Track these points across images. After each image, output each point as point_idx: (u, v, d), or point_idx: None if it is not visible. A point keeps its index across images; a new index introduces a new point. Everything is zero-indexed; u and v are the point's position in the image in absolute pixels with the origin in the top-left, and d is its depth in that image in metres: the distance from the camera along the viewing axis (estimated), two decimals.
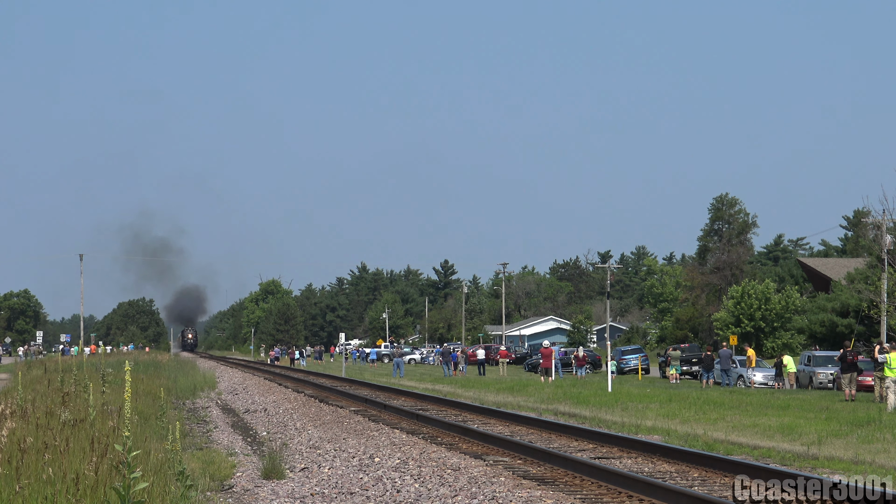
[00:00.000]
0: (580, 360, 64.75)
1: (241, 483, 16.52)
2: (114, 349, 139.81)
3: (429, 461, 18.79)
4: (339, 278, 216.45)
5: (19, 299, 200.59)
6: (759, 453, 20.35)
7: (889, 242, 53.09)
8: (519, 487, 15.71)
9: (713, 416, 28.45)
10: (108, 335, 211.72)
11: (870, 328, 61.24)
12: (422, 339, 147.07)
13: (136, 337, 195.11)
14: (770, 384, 49.56)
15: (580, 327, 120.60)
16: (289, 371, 71.50)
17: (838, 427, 25.16)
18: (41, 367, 43.24)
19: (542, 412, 31.31)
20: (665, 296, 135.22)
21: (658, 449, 19.57)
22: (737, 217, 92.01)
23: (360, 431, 24.82)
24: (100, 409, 18.24)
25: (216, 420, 29.31)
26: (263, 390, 44.88)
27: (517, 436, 23.23)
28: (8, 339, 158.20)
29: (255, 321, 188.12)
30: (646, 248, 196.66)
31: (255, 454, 20.76)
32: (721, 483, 16.20)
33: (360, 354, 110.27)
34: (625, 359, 71.75)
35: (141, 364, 52.59)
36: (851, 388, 37.50)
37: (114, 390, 23.40)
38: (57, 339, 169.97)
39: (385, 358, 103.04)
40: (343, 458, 19.51)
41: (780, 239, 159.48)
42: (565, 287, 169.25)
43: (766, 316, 73.44)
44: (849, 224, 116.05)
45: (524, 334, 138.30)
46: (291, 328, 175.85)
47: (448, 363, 64.68)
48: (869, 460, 19.03)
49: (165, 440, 15.33)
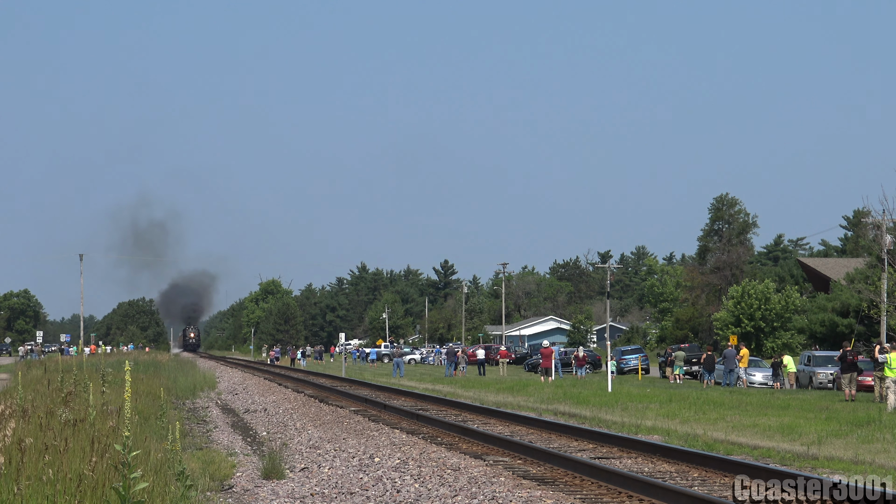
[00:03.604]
0: (580, 360, 64.76)
1: (241, 483, 16.52)
2: (114, 349, 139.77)
3: (429, 461, 18.79)
4: (339, 278, 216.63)
5: (19, 299, 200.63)
6: (759, 453, 20.35)
7: (889, 242, 53.06)
8: (519, 487, 15.71)
9: (713, 416, 28.45)
10: (107, 335, 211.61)
11: (870, 328, 61.22)
12: (422, 339, 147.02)
13: (135, 337, 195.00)
14: (769, 384, 49.58)
15: (580, 327, 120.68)
16: (289, 371, 71.51)
17: (838, 427, 25.15)
18: (41, 367, 43.22)
19: (542, 412, 31.31)
20: (665, 296, 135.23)
21: (658, 449, 19.57)
22: (737, 217, 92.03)
23: (360, 431, 24.82)
24: (100, 409, 18.22)
25: (216, 420, 29.31)
26: (263, 390, 44.88)
27: (517, 436, 23.22)
28: (8, 340, 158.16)
29: (255, 321, 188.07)
30: (646, 248, 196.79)
31: (255, 454, 20.76)
32: (721, 483, 16.20)
33: (360, 354, 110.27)
34: (625, 359, 71.78)
35: (141, 364, 52.58)
36: (851, 388, 37.50)
37: (114, 390, 23.37)
38: (57, 339, 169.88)
39: (385, 358, 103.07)
40: (343, 458, 19.50)
41: (780, 239, 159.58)
42: (565, 287, 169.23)
43: (766, 316, 73.47)
44: (849, 224, 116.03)
45: (524, 334, 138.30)
46: (291, 328, 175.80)
47: (451, 363, 64.80)
48: (869, 460, 19.03)
49: (165, 440, 15.32)
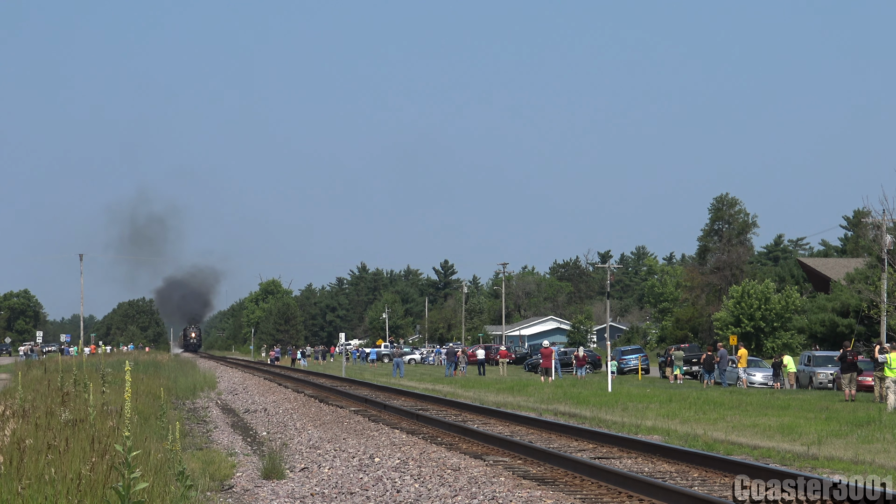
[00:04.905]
0: (580, 360, 64.77)
1: (241, 483, 16.52)
2: (114, 349, 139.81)
3: (429, 461, 18.79)
4: (339, 278, 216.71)
5: (19, 299, 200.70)
6: (759, 453, 20.35)
7: (889, 242, 53.07)
8: (519, 487, 15.71)
9: (713, 416, 28.45)
10: (107, 335, 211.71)
11: (870, 328, 61.24)
12: (422, 339, 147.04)
13: (135, 337, 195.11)
14: (770, 384, 49.59)
15: (580, 327, 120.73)
16: (289, 371, 71.52)
17: (838, 427, 25.16)
18: (41, 368, 43.23)
19: (542, 412, 31.31)
20: (665, 296, 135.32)
21: (658, 449, 19.56)
22: (737, 217, 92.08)
23: (360, 431, 24.81)
24: (100, 409, 18.23)
25: (216, 420, 29.31)
26: (263, 390, 44.88)
27: (517, 436, 23.22)
28: (8, 340, 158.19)
29: (255, 321, 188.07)
30: (646, 248, 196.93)
31: (255, 454, 20.75)
32: (721, 483, 16.20)
33: (360, 354, 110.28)
34: (625, 359, 71.78)
35: (141, 364, 52.59)
36: (851, 388, 37.51)
37: (114, 390, 23.38)
38: (57, 339, 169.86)
39: (385, 358, 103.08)
40: (343, 458, 19.50)
41: (780, 239, 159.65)
42: (565, 287, 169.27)
43: (766, 316, 73.48)
44: (849, 224, 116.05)
45: (524, 334, 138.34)
46: (291, 328, 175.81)
47: (451, 363, 64.85)
48: (869, 460, 19.03)
49: (165, 440, 15.33)
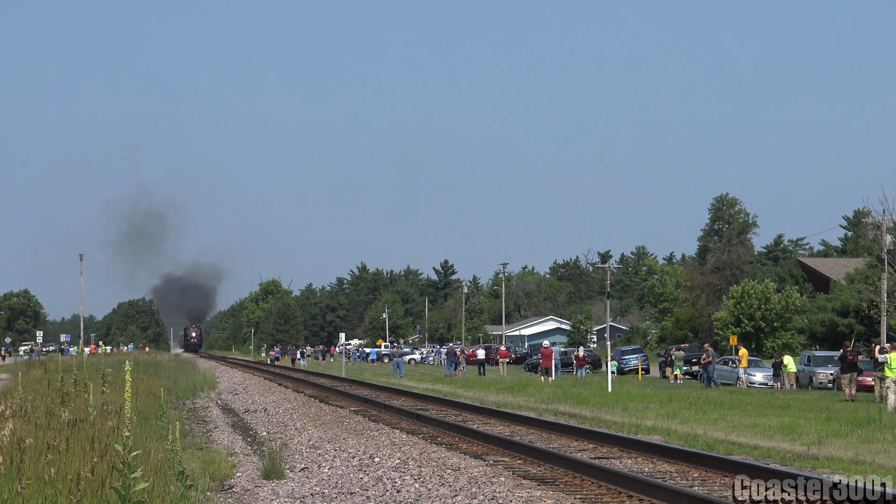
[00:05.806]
0: (580, 360, 64.77)
1: (241, 483, 16.52)
2: (114, 349, 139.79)
3: (429, 461, 18.79)
4: (339, 278, 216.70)
5: (19, 299, 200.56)
6: (759, 453, 20.35)
7: (889, 242, 53.05)
8: (519, 487, 15.71)
9: (713, 416, 28.45)
10: (108, 335, 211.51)
11: (870, 328, 61.23)
12: (422, 339, 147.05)
13: (136, 337, 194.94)
14: (770, 384, 49.59)
15: (580, 327, 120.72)
16: (289, 371, 71.52)
17: (838, 427, 25.16)
18: (41, 368, 43.24)
19: (542, 412, 31.31)
20: (665, 296, 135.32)
21: (658, 449, 19.57)
22: (737, 217, 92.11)
23: (360, 431, 24.81)
24: (100, 409, 18.23)
25: (216, 420, 29.31)
26: (263, 390, 44.88)
27: (517, 436, 23.23)
28: (8, 340, 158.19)
29: (255, 321, 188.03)
30: (646, 248, 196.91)
31: (255, 454, 20.76)
32: (721, 483, 16.20)
33: (361, 354, 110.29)
34: (625, 359, 71.79)
35: (141, 364, 52.61)
36: (851, 388, 37.50)
37: (114, 390, 23.39)
38: (57, 339, 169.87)
39: (385, 358, 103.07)
40: (343, 458, 19.50)
41: (780, 239, 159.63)
42: (565, 287, 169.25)
43: (766, 316, 73.50)
44: (849, 224, 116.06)
45: (524, 334, 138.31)
46: (291, 328, 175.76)
47: (451, 363, 64.85)
48: (869, 460, 19.04)
49: (165, 440, 15.32)
